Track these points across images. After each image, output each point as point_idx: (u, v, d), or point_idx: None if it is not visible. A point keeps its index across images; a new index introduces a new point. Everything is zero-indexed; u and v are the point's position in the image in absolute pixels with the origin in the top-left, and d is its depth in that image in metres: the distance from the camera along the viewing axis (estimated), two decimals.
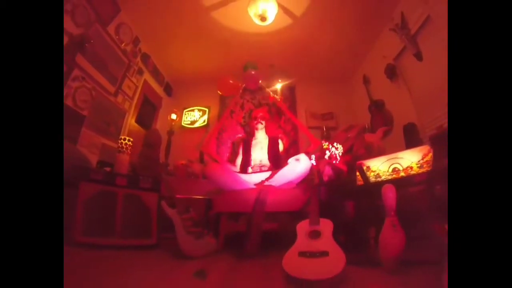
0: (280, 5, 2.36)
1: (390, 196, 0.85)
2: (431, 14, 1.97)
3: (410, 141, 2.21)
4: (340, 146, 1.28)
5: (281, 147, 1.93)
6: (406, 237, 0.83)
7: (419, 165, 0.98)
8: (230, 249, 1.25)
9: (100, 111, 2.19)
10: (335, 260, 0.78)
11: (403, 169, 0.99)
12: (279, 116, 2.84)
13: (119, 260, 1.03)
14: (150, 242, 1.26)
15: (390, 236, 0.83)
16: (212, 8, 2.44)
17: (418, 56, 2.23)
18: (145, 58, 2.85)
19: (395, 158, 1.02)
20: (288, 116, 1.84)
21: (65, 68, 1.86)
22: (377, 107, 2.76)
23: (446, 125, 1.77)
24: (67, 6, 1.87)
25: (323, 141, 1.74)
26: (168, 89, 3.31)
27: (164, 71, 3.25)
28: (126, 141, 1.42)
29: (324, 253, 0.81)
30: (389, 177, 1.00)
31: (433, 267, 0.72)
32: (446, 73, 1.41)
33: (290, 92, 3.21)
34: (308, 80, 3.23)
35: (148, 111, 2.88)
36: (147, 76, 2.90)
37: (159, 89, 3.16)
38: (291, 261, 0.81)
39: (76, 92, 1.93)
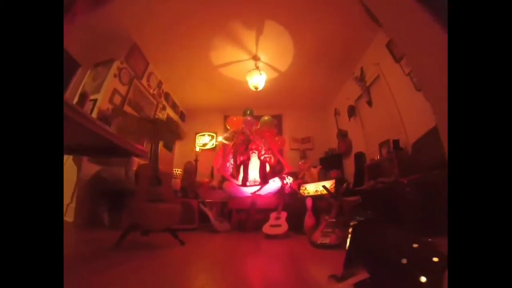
0: (269, 65, 3.72)
1: (308, 203, 2.22)
2: (380, 74, 3.18)
3: (358, 166, 3.53)
4: (291, 178, 2.64)
5: (268, 168, 3.30)
6: (316, 221, 2.17)
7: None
8: (238, 229, 2.62)
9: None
10: (284, 228, 2.15)
11: (320, 191, 2.35)
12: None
13: (182, 236, 2.34)
14: (194, 227, 2.61)
15: (308, 220, 2.19)
16: (219, 66, 3.77)
17: (369, 103, 3.56)
18: (167, 96, 4.16)
19: (318, 184, 2.38)
20: (272, 150, 3.21)
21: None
22: (342, 136, 4.13)
23: (376, 158, 3.07)
24: (113, 70, 3.11)
25: (300, 162, 3.11)
26: (182, 116, 4.65)
27: (179, 102, 4.58)
28: (178, 172, 2.77)
29: (280, 225, 2.17)
30: (313, 194, 2.37)
31: None
32: (390, 119, 2.90)
33: (278, 121, 4.59)
34: (292, 112, 4.62)
35: (170, 137, 4.21)
36: (168, 109, 4.22)
37: (175, 117, 4.49)
38: (266, 228, 2.18)
39: None
